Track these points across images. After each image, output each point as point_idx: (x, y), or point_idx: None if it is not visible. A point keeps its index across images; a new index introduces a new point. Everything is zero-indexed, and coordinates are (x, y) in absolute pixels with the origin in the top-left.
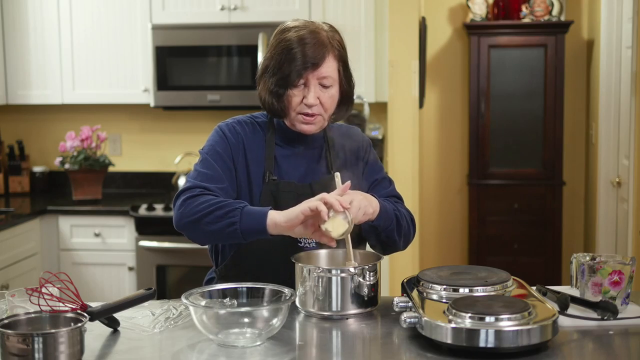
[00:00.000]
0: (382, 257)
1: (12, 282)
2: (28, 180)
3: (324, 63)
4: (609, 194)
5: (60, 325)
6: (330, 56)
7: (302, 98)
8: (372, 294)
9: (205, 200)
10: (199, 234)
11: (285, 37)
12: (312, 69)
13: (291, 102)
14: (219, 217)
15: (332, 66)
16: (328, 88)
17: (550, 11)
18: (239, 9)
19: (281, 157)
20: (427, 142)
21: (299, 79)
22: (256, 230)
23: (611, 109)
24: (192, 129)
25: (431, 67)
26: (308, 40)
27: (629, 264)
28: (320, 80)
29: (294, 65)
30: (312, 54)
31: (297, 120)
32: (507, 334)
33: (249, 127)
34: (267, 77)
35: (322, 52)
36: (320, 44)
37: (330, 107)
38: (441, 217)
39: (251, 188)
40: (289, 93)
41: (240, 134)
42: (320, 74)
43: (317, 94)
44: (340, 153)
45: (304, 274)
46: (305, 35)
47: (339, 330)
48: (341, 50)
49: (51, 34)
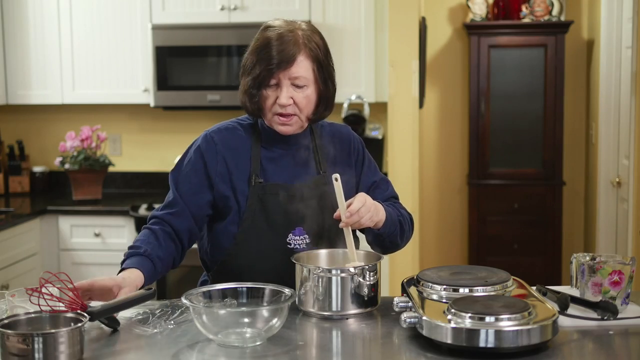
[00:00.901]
0: (382, 257)
1: (12, 282)
2: (28, 180)
3: (295, 62)
4: (609, 194)
5: (60, 325)
6: (302, 56)
7: (275, 98)
8: (372, 294)
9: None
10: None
11: (262, 36)
12: (283, 68)
13: (265, 102)
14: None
15: (305, 66)
16: (302, 88)
17: (550, 11)
18: (239, 9)
19: (267, 159)
20: (427, 142)
21: (271, 79)
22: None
23: (611, 109)
24: (192, 129)
25: (431, 67)
26: (282, 40)
27: (629, 264)
28: (292, 80)
29: (265, 65)
30: (283, 53)
31: (273, 121)
32: (507, 334)
33: (230, 133)
34: (244, 77)
35: (293, 52)
36: (292, 43)
37: (306, 108)
38: (441, 217)
39: (236, 195)
40: (262, 93)
41: (218, 144)
42: (291, 74)
43: (290, 94)
44: (330, 153)
45: (304, 273)
46: (281, 34)
47: (339, 330)
48: (317, 50)
49: (51, 34)
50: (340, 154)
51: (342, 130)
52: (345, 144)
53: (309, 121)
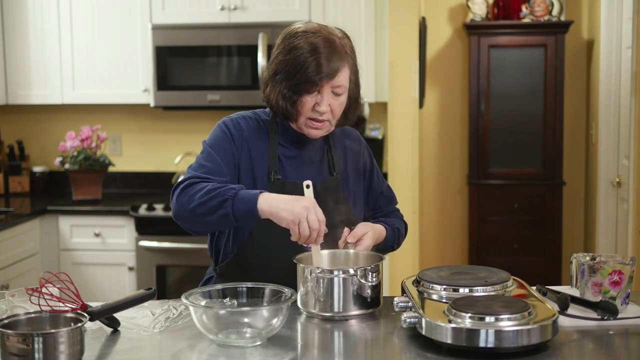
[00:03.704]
0: (384, 257)
1: (12, 282)
2: (28, 180)
3: (339, 73)
4: (609, 194)
5: (60, 325)
6: (345, 66)
7: (314, 104)
8: (375, 295)
9: (200, 189)
10: (195, 224)
11: (298, 44)
12: (327, 79)
13: (303, 107)
14: (213, 208)
15: (346, 75)
16: (340, 96)
17: (550, 11)
18: (239, 9)
19: (284, 157)
20: (427, 142)
21: (315, 87)
22: (249, 216)
23: (611, 109)
24: (192, 129)
25: (431, 67)
26: (322, 50)
27: (629, 264)
28: (333, 89)
29: (309, 74)
30: (328, 64)
31: (305, 124)
32: (507, 334)
33: (254, 123)
34: (278, 80)
35: (338, 63)
36: (336, 53)
37: (339, 113)
38: (441, 217)
39: (255, 185)
40: (302, 99)
41: (245, 130)
42: (334, 84)
43: (329, 102)
44: (341, 154)
45: (305, 274)
46: (319, 43)
47: (340, 331)
48: (353, 57)
49: (51, 34)
50: (351, 155)
51: (351, 132)
52: (356, 146)
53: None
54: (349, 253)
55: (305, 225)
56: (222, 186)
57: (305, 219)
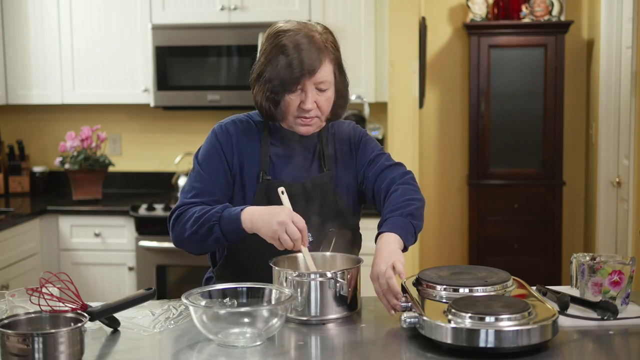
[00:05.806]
0: (361, 260)
1: (12, 282)
2: (28, 180)
3: (320, 68)
4: (609, 194)
5: (60, 325)
6: (326, 61)
7: (299, 102)
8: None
9: (189, 217)
10: (195, 249)
11: (280, 42)
12: (309, 75)
13: (289, 107)
14: (204, 235)
15: (328, 70)
16: (325, 91)
17: (550, 11)
18: (239, 9)
19: (276, 156)
20: (427, 142)
21: (296, 85)
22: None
23: (611, 109)
24: (192, 129)
25: (431, 67)
26: (304, 46)
27: (629, 264)
28: (317, 85)
29: (290, 72)
30: (308, 60)
31: (295, 123)
32: (507, 334)
33: (245, 125)
34: (262, 82)
35: (318, 58)
36: (316, 48)
37: (327, 109)
38: (441, 217)
39: (244, 187)
40: (286, 99)
41: (233, 136)
42: (317, 80)
43: (314, 98)
44: (332, 150)
45: (281, 278)
46: (300, 39)
47: (340, 331)
48: (335, 52)
49: (51, 34)
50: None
51: (343, 125)
52: (346, 138)
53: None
54: (326, 256)
55: (285, 237)
56: (208, 210)
57: (284, 232)
